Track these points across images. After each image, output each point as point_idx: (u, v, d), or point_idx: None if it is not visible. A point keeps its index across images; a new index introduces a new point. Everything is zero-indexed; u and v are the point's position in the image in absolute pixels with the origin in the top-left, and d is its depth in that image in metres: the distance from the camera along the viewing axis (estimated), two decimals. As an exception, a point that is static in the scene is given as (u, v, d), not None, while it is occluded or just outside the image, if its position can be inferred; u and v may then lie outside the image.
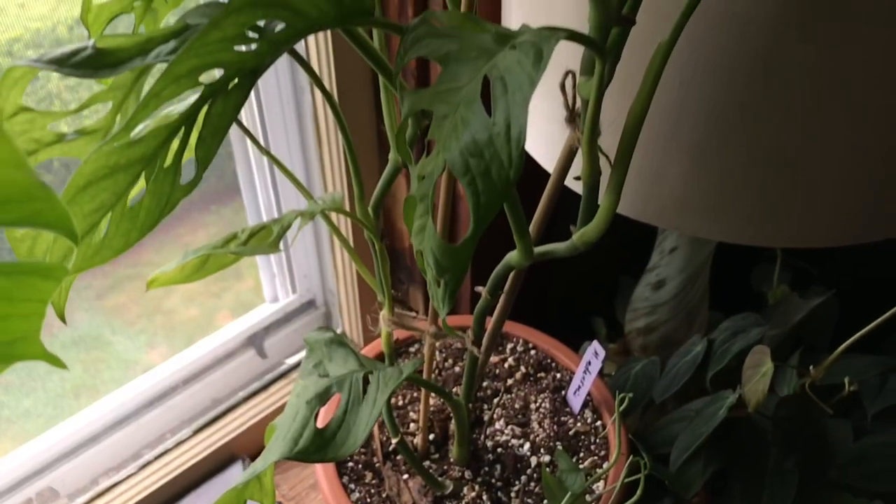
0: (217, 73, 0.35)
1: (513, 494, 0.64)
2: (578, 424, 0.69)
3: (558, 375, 0.73)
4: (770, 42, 0.41)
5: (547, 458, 0.66)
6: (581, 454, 0.67)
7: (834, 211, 0.47)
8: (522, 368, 0.74)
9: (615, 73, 0.39)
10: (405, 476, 0.65)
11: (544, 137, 0.56)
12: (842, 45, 0.41)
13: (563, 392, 0.72)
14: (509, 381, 0.73)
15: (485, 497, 0.63)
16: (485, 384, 0.73)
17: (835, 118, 0.43)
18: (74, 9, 0.71)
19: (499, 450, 0.67)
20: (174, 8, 0.49)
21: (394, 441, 0.61)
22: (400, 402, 0.71)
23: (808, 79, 0.42)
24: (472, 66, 0.32)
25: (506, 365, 0.75)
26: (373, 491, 0.64)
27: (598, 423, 0.69)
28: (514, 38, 0.31)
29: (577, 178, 0.43)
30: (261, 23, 0.35)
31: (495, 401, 0.71)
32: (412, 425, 0.69)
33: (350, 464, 0.66)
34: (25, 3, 0.67)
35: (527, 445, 0.67)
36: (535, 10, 0.53)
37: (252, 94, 0.76)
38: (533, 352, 0.75)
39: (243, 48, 0.34)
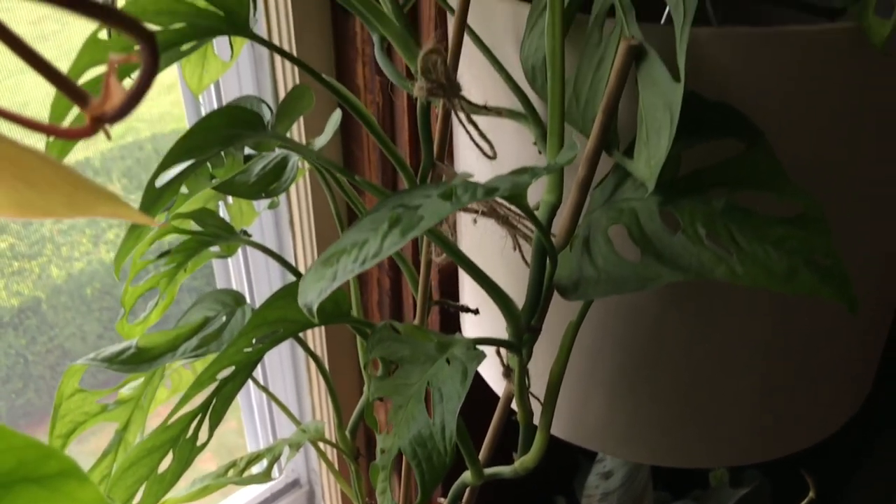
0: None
1: None
2: None
3: (519, 563, 0.81)
4: (655, 321, 0.53)
5: None
6: None
7: (725, 437, 0.58)
8: (486, 556, 0.82)
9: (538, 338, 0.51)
10: None
11: (494, 366, 0.68)
12: (708, 324, 0.53)
13: (523, 579, 0.79)
14: (475, 569, 0.81)
15: None
16: (453, 572, 0.81)
17: (711, 368, 0.55)
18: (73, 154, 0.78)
19: None
20: (189, 275, 0.61)
21: None
22: (375, 592, 0.78)
23: (687, 344, 0.54)
24: (421, 369, 0.43)
25: (471, 553, 0.82)
26: None
27: None
28: (451, 347, 0.43)
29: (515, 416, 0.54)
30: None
31: (462, 589, 0.78)
32: None
33: None
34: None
35: None
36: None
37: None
38: (496, 540, 0.83)
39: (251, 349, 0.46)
